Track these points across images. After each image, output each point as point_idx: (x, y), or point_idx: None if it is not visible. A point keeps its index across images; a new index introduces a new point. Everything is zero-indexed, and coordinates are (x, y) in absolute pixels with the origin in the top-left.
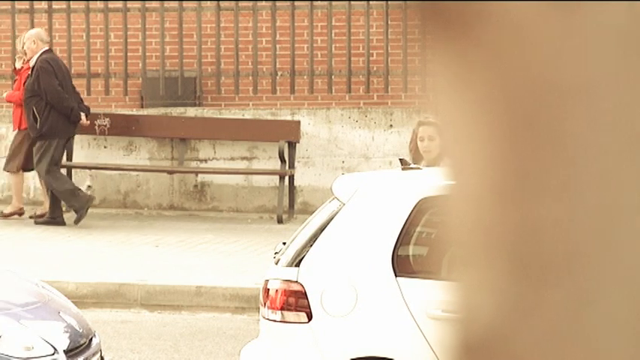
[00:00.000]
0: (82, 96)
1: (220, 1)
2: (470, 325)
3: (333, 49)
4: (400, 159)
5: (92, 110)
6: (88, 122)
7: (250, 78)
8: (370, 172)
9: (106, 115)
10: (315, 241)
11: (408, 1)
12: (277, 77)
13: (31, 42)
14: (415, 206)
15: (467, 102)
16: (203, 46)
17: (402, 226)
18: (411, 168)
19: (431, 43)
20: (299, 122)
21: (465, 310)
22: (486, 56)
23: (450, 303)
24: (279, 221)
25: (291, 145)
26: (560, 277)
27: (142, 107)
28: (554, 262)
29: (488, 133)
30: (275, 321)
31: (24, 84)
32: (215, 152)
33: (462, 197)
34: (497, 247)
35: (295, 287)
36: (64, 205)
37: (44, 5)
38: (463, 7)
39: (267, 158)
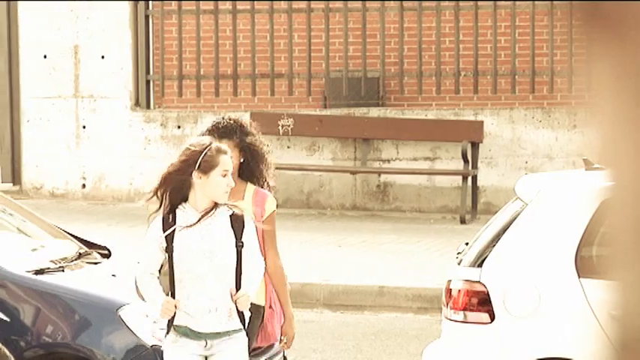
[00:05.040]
0: (265, 96)
1: (404, 2)
2: (627, 323)
3: (516, 49)
4: (584, 159)
5: (276, 110)
6: None
7: (433, 78)
8: (553, 172)
9: (289, 116)
10: (497, 242)
11: (576, 1)
12: (460, 77)
13: None
14: (599, 207)
15: (625, 102)
16: (386, 47)
17: (585, 227)
18: (595, 168)
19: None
20: (482, 122)
21: (623, 308)
22: None
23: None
24: (462, 222)
25: (474, 146)
26: None
27: (325, 107)
28: None
29: None
30: (457, 321)
31: None
32: (398, 152)
33: (622, 198)
34: None
35: (478, 288)
36: None
37: (228, 6)
38: (623, 9)
39: (450, 158)
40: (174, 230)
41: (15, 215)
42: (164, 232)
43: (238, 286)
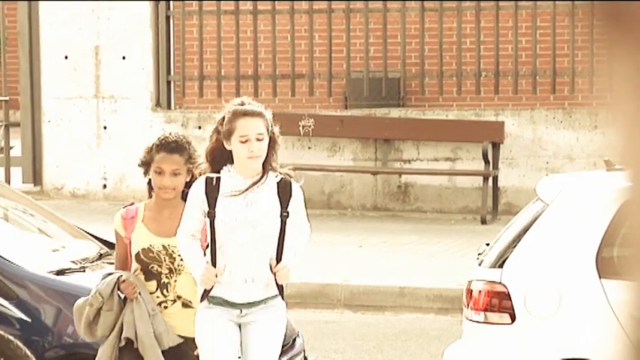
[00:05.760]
0: (286, 97)
1: (424, 2)
2: None
3: (537, 49)
4: (605, 160)
5: (296, 111)
6: None
7: (454, 79)
8: (574, 173)
9: (310, 116)
10: (518, 243)
11: (598, 1)
12: (481, 78)
13: None
14: (620, 208)
15: None
16: (407, 47)
17: (606, 228)
18: (616, 169)
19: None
20: (503, 123)
21: None
22: None
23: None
24: (483, 222)
25: (495, 146)
26: None
27: (346, 108)
28: None
29: None
30: (478, 322)
31: None
32: (419, 153)
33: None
34: None
35: (499, 288)
36: None
37: (249, 6)
38: None
39: (471, 159)
40: (217, 195)
41: (36, 216)
42: (207, 195)
43: (279, 258)
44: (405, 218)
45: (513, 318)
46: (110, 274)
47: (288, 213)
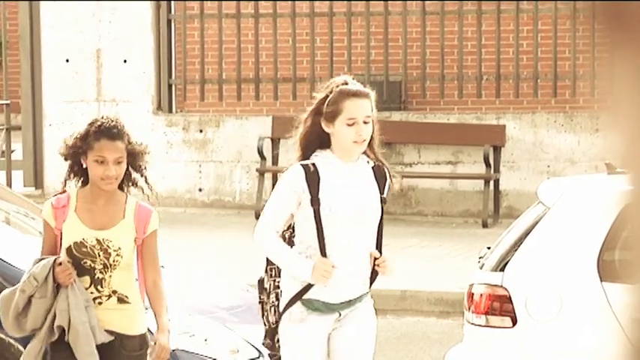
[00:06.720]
0: (287, 100)
1: (426, 1)
2: None
3: (539, 52)
4: (606, 163)
5: (298, 114)
6: None
7: (455, 82)
8: (576, 176)
9: None
10: (519, 246)
11: (599, 2)
12: (482, 81)
13: None
14: (621, 211)
15: None
16: (408, 50)
17: (607, 231)
18: (618, 172)
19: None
20: (504, 126)
21: None
22: None
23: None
24: (484, 225)
25: (497, 150)
26: None
27: None
28: None
29: None
30: (479, 325)
31: None
32: (420, 156)
33: None
34: None
35: (500, 292)
36: None
37: (251, 9)
38: None
39: (472, 162)
40: (319, 182)
41: (37, 219)
42: (308, 184)
43: (379, 248)
44: (407, 222)
45: (515, 321)
46: (43, 258)
47: (385, 199)
